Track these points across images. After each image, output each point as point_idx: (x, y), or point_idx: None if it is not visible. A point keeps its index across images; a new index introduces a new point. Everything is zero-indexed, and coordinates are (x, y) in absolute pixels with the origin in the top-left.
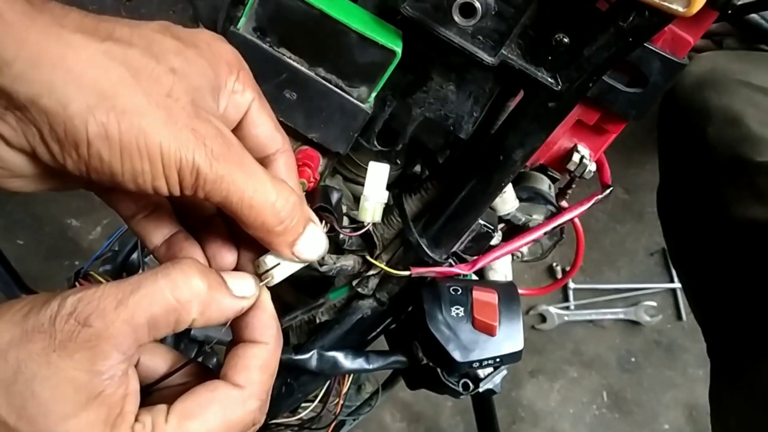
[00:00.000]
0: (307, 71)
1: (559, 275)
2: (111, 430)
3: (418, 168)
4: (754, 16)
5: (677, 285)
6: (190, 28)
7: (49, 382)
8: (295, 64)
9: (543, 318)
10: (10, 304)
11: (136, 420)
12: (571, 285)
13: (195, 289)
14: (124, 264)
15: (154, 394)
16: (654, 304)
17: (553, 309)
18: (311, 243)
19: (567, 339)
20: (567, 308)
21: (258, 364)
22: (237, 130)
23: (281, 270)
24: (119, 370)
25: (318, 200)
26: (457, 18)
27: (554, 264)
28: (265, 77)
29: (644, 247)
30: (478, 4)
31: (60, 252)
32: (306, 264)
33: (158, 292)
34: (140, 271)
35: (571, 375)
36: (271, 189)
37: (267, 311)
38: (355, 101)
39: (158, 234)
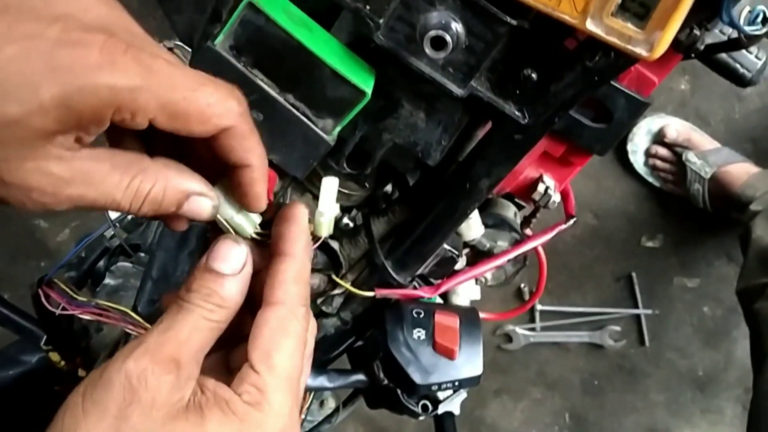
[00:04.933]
0: (277, 96)
1: (527, 297)
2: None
3: (389, 188)
4: (722, 55)
5: (642, 311)
6: None
7: None
8: (266, 87)
9: (509, 338)
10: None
11: (239, 395)
12: (538, 306)
13: (212, 313)
14: (90, 271)
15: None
16: (618, 328)
17: (519, 329)
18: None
19: (532, 360)
20: (533, 329)
21: (292, 276)
22: None
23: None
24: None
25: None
26: (428, 50)
27: (522, 285)
28: None
29: (611, 272)
30: (448, 38)
31: (26, 253)
32: None
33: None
34: (105, 278)
35: (534, 396)
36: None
37: (299, 225)
38: (320, 132)
39: None
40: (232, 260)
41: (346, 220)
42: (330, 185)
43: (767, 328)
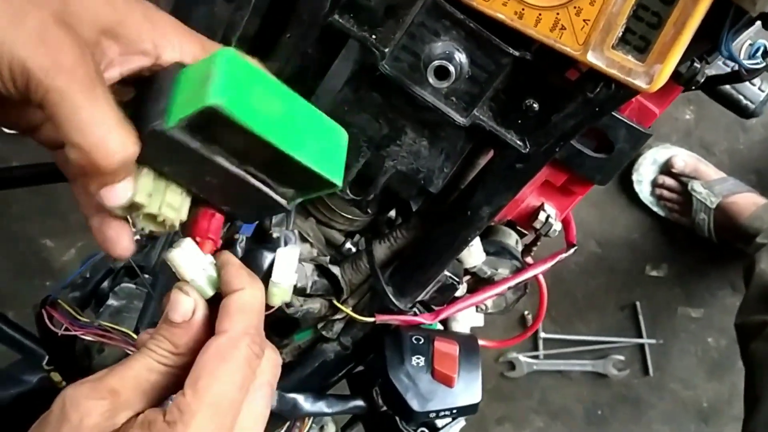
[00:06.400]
0: (233, 169)
1: (530, 324)
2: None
3: (392, 213)
4: (726, 86)
5: (646, 340)
6: None
7: None
8: (222, 162)
9: (512, 366)
10: None
11: (165, 419)
12: (541, 334)
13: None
14: (94, 292)
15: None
16: (622, 358)
17: (522, 357)
18: (119, 194)
19: (535, 388)
20: (536, 357)
21: (236, 307)
22: None
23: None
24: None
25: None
26: (431, 79)
27: (525, 313)
28: (185, 165)
29: (615, 301)
30: (452, 68)
31: (31, 271)
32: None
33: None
34: (108, 299)
35: (537, 424)
36: (114, 128)
37: (233, 264)
38: (278, 198)
39: None
40: (180, 309)
41: (348, 245)
42: (286, 257)
43: (761, 372)
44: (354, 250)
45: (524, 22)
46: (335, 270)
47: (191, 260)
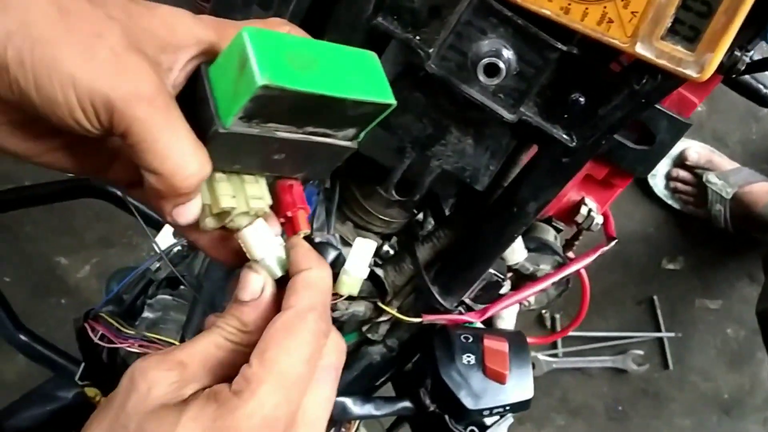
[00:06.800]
0: (296, 136)
1: (549, 323)
2: (211, 399)
3: (420, 215)
4: (745, 76)
5: (664, 334)
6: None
7: None
8: (283, 134)
9: (531, 365)
10: None
11: (232, 388)
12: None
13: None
14: (130, 307)
15: None
16: (641, 352)
17: (541, 356)
18: (191, 211)
19: (555, 386)
20: (555, 355)
21: (303, 284)
22: None
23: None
24: None
25: None
26: (481, 77)
27: (543, 311)
28: (251, 154)
29: (632, 296)
30: (502, 64)
31: (47, 290)
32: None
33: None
34: (144, 312)
35: (558, 422)
36: (192, 152)
37: (302, 246)
38: (344, 143)
39: None
40: (250, 287)
41: (386, 247)
42: (362, 246)
43: None
44: (392, 252)
45: (570, 17)
46: (379, 272)
47: (262, 240)
